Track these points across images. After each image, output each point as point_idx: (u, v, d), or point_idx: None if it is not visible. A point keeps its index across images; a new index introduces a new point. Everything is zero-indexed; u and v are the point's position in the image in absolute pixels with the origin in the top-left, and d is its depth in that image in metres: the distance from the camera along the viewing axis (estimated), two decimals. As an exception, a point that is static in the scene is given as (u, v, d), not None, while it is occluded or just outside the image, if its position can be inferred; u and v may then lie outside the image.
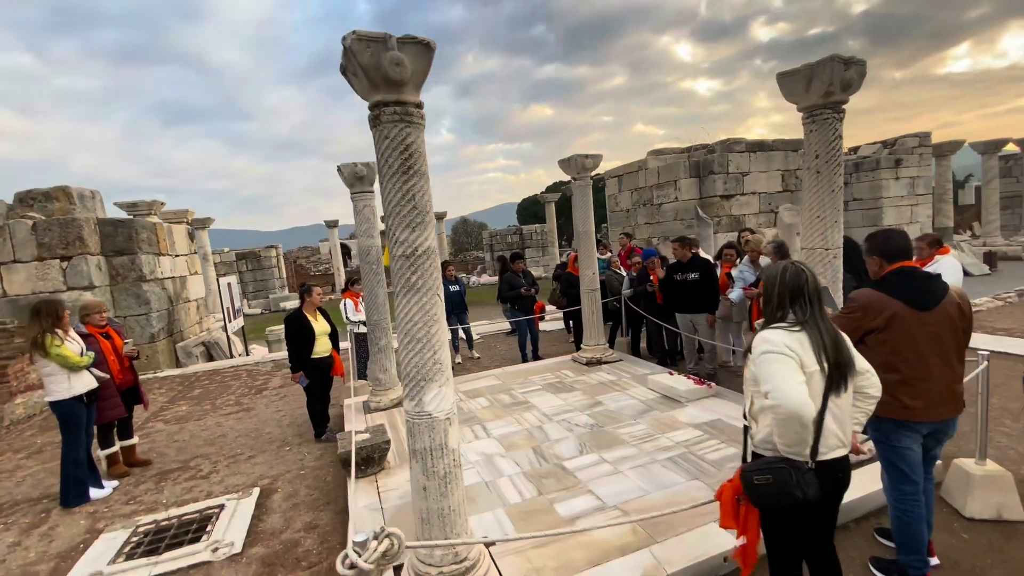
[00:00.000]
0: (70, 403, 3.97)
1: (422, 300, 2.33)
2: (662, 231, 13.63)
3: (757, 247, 5.39)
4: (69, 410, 4.00)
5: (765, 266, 2.13)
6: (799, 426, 1.81)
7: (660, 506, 3.07)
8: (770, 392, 1.83)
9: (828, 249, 3.27)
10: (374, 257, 5.26)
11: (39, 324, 3.90)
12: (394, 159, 2.25)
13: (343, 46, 2.12)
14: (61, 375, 3.93)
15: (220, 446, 5.13)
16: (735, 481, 2.05)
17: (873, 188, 15.18)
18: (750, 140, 13.31)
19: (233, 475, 4.42)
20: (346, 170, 5.03)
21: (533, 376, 5.96)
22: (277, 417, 5.88)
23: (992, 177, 17.55)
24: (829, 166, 3.22)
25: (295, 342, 4.85)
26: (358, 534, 1.64)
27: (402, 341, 2.36)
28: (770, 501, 1.91)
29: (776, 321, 1.98)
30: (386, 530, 1.67)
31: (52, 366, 3.90)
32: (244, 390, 7.17)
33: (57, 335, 3.93)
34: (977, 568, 2.49)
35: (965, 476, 2.88)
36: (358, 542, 1.62)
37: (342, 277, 23.64)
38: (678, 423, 4.27)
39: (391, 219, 2.31)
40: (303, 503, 3.81)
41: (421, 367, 2.34)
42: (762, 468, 1.92)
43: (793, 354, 1.85)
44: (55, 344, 3.89)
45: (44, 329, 3.89)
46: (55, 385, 3.92)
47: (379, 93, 2.21)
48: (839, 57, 3.04)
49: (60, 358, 3.89)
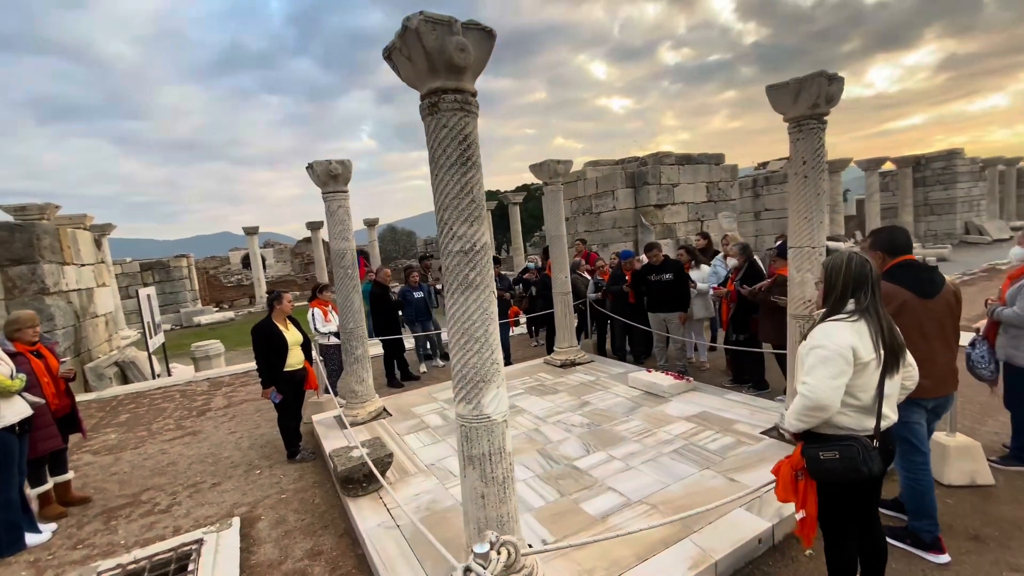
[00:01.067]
0: (0, 435, 3.34)
1: (480, 297, 2.22)
2: (601, 239, 14.12)
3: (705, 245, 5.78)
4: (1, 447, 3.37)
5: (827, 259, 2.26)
6: (818, 417, 2.02)
7: (682, 496, 3.15)
8: (808, 383, 2.01)
9: (814, 247, 3.57)
10: (349, 261, 4.95)
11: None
12: (452, 150, 2.14)
13: (404, 27, 1.99)
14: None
15: (173, 475, 4.54)
16: (794, 457, 2.16)
17: (782, 199, 16.82)
18: (678, 153, 14.18)
19: (200, 506, 3.94)
20: (319, 168, 4.70)
21: (511, 380, 5.90)
22: (233, 439, 5.32)
23: (874, 191, 20.10)
24: (815, 171, 3.52)
25: (266, 354, 4.43)
26: (478, 545, 1.52)
27: (457, 341, 2.24)
28: (836, 476, 2.03)
29: (836, 311, 2.10)
30: (502, 539, 1.56)
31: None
32: (183, 412, 6.42)
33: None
34: (971, 528, 2.81)
35: (941, 448, 3.24)
36: (480, 553, 1.49)
37: (262, 288, 22.06)
38: (669, 417, 4.42)
39: (447, 212, 2.19)
40: (296, 529, 3.47)
41: (480, 368, 2.23)
42: (828, 444, 2.04)
43: (848, 353, 1.97)
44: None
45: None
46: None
47: (439, 79, 2.09)
48: (825, 73, 3.34)
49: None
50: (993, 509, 2.97)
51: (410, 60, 2.10)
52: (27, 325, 3.80)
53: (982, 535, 2.76)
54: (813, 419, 2.04)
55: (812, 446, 2.08)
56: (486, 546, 1.52)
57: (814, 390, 1.98)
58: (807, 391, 2.00)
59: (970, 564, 2.57)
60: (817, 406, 1.99)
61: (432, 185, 2.24)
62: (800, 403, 2.04)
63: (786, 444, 3.70)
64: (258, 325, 4.50)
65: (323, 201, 4.91)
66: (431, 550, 2.83)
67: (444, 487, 3.56)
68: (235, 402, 6.70)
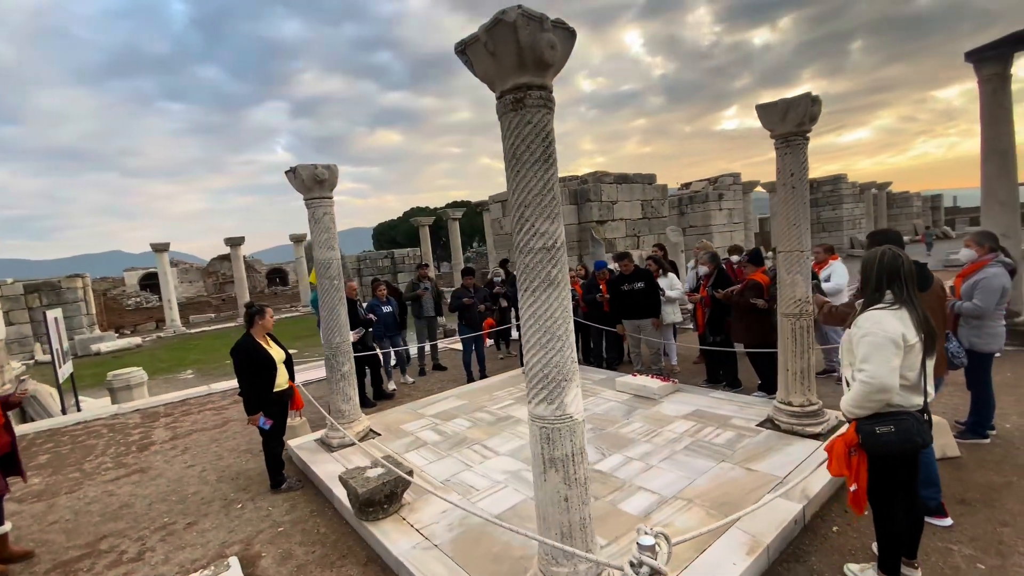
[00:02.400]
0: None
1: (561, 295, 2.21)
2: (547, 252, 14.45)
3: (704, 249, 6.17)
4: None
5: (863, 255, 2.49)
6: (881, 400, 2.21)
7: (712, 489, 3.28)
8: (866, 370, 2.19)
9: (803, 251, 3.92)
10: (335, 271, 4.67)
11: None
12: (536, 146, 2.13)
13: (498, 20, 1.97)
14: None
15: (132, 519, 3.96)
16: (848, 435, 2.34)
17: (704, 216, 18.24)
18: (615, 173, 14.97)
19: (179, 550, 3.47)
20: (304, 172, 4.42)
21: (497, 392, 5.82)
22: (195, 473, 4.75)
23: (776, 212, 22.39)
24: (801, 183, 3.88)
25: (251, 376, 4.02)
26: (643, 538, 1.48)
27: (538, 340, 2.20)
28: (891, 448, 2.23)
29: (875, 301, 2.33)
30: (655, 530, 1.54)
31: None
32: (120, 449, 5.63)
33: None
34: (957, 494, 3.18)
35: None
36: (646, 546, 1.46)
37: (174, 311, 20.04)
38: (667, 417, 4.59)
39: (528, 210, 2.17)
40: (309, 563, 3.16)
41: (562, 366, 2.20)
42: (883, 420, 2.24)
43: (897, 337, 2.20)
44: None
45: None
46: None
47: (525, 75, 2.08)
48: (809, 95, 3.73)
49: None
50: (967, 477, 3.38)
51: (493, 55, 2.08)
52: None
53: (967, 499, 3.14)
54: (876, 403, 2.22)
55: (867, 423, 2.27)
56: (651, 539, 1.50)
57: (875, 376, 2.17)
58: (868, 377, 2.19)
59: (968, 524, 2.91)
60: (880, 389, 2.17)
61: (510, 182, 2.21)
62: (862, 390, 2.22)
63: (783, 434, 3.99)
64: (240, 344, 4.07)
65: (307, 207, 4.61)
66: (488, 566, 2.72)
67: (473, 501, 3.42)
68: (181, 433, 5.99)
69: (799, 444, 3.78)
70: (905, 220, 28.88)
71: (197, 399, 7.60)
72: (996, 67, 5.68)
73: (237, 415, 6.51)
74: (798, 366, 4.00)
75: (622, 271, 6.11)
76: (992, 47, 5.59)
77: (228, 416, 6.52)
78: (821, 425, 3.94)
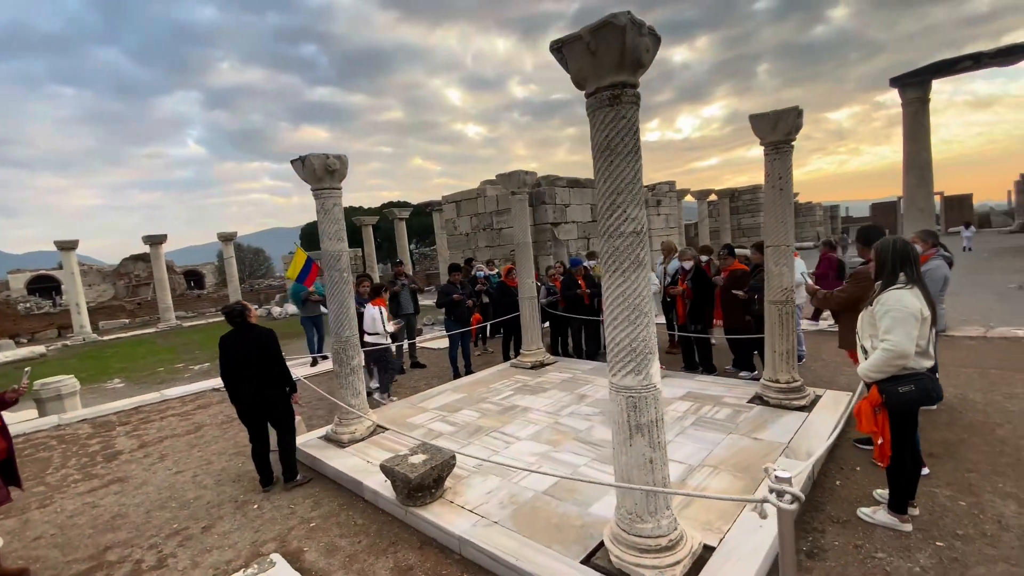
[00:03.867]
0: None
1: (646, 276, 2.43)
2: (503, 254, 14.67)
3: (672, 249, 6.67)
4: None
5: (876, 243, 2.92)
6: (899, 365, 2.65)
7: (731, 456, 3.65)
8: (890, 339, 2.63)
9: (788, 245, 4.43)
10: (344, 264, 4.59)
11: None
12: (628, 139, 2.34)
13: (608, 23, 2.15)
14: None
15: (133, 528, 3.69)
16: (872, 397, 2.76)
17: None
18: (568, 177, 15.48)
19: (205, 552, 3.30)
20: (316, 162, 4.32)
21: (493, 385, 5.93)
22: (186, 479, 4.46)
23: (704, 217, 24.14)
24: (787, 185, 4.39)
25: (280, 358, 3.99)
26: (780, 471, 1.72)
27: (628, 317, 2.40)
28: (912, 404, 2.67)
29: (891, 283, 2.77)
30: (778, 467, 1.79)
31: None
32: (81, 460, 5.13)
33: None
34: (924, 450, 3.76)
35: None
36: (784, 477, 1.71)
37: (83, 316, 18.01)
38: (665, 399, 4.93)
39: (621, 197, 2.37)
40: (360, 552, 3.14)
41: (647, 340, 2.42)
42: (903, 381, 2.67)
43: (916, 312, 2.64)
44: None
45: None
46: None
47: (623, 75, 2.29)
48: (796, 108, 4.25)
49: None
50: (927, 436, 3.99)
51: (594, 54, 2.27)
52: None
53: (934, 452, 3.73)
54: (894, 368, 2.65)
55: (890, 384, 2.69)
56: (787, 472, 1.74)
57: (897, 344, 2.59)
58: (891, 346, 2.61)
59: (940, 472, 3.47)
60: (900, 356, 2.60)
61: (602, 173, 2.41)
62: (884, 356, 2.64)
63: (773, 408, 4.47)
64: (267, 331, 3.97)
65: (315, 198, 4.50)
66: (555, 535, 2.88)
67: (513, 482, 3.55)
68: (150, 441, 5.54)
69: (789, 416, 4.27)
70: (809, 227, 32.16)
71: (152, 406, 7.02)
72: (917, 92, 6.66)
73: (208, 419, 6.13)
74: (783, 347, 4.51)
75: None
76: (914, 74, 6.56)
77: (198, 421, 6.11)
78: (804, 399, 4.46)
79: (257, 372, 3.88)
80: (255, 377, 3.89)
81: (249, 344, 3.89)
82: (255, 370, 3.88)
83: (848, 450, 3.92)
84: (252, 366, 3.88)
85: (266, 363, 3.91)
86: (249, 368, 3.87)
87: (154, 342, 16.02)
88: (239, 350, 3.88)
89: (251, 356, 3.88)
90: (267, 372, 3.92)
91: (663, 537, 2.46)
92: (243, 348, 3.88)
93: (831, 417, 4.15)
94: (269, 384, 3.94)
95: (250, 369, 3.88)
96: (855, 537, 2.86)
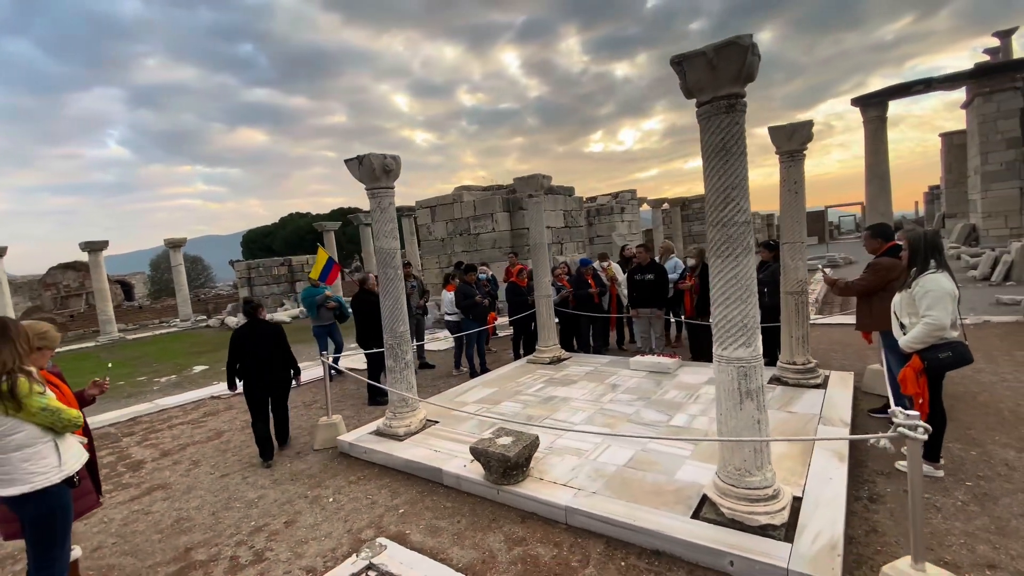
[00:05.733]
0: (61, 491, 2.49)
1: (753, 260, 2.80)
2: (480, 258, 14.87)
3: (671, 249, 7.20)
4: (61, 503, 2.49)
5: (909, 234, 3.47)
6: (938, 337, 3.19)
7: (776, 426, 4.08)
8: (932, 315, 3.16)
9: (803, 242, 5.01)
10: (398, 261, 4.69)
11: None
12: (741, 142, 2.72)
13: (733, 43, 2.52)
14: (45, 444, 2.43)
15: (207, 529, 3.63)
16: (914, 363, 3.27)
17: (609, 227, 20.17)
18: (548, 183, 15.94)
19: (303, 543, 3.33)
20: (376, 162, 4.41)
21: (520, 379, 6.15)
22: (237, 481, 4.39)
23: (658, 224, 25.46)
24: (801, 189, 4.98)
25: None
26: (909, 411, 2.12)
27: (740, 296, 2.76)
28: (949, 367, 3.21)
29: (925, 269, 3.31)
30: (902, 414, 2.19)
31: (29, 429, 2.36)
32: (105, 472, 4.86)
33: (32, 376, 2.39)
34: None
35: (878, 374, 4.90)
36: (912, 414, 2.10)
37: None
38: (693, 385, 5.40)
39: (735, 192, 2.73)
40: (465, 530, 3.29)
41: (755, 317, 2.79)
42: (943, 348, 3.20)
43: (952, 291, 3.19)
44: (36, 391, 2.36)
45: (10, 367, 2.32)
46: (37, 463, 2.39)
47: (737, 86, 2.66)
48: (811, 122, 4.84)
49: (48, 415, 2.41)
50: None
51: (714, 68, 2.63)
52: (54, 344, 2.78)
53: (934, 417, 4.36)
54: (933, 338, 3.16)
55: (930, 352, 3.22)
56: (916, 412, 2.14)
57: (938, 319, 3.11)
58: (932, 320, 3.13)
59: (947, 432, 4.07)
60: (940, 328, 3.12)
61: (716, 171, 2.76)
62: (925, 329, 3.16)
63: (792, 387, 5.00)
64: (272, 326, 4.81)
65: (371, 197, 4.59)
66: (654, 499, 3.18)
67: (590, 459, 3.81)
68: (171, 450, 5.31)
69: (810, 393, 4.82)
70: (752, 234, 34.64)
71: (150, 416, 6.68)
72: (877, 111, 7.62)
73: (226, 425, 5.95)
74: (799, 333, 5.07)
75: (639, 261, 6.89)
76: (874, 95, 7.51)
77: (215, 428, 5.92)
78: (819, 378, 5.04)
79: (268, 357, 4.69)
80: (267, 362, 4.67)
81: (262, 335, 4.70)
82: (267, 356, 4.68)
83: (865, 419, 4.49)
84: (265, 353, 4.67)
85: (277, 350, 4.74)
86: (262, 355, 4.66)
87: (97, 356, 14.84)
88: (254, 340, 4.66)
89: (265, 344, 4.68)
90: (277, 357, 4.75)
91: (769, 488, 2.82)
92: (258, 338, 4.67)
93: (845, 392, 4.73)
94: (279, 367, 4.77)
95: (263, 355, 4.66)
96: (901, 484, 3.36)
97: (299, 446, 5.06)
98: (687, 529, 2.84)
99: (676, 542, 2.80)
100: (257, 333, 4.68)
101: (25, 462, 2.34)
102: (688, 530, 2.83)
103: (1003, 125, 19.12)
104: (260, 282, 21.91)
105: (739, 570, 2.58)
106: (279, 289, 22.46)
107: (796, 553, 2.54)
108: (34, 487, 2.35)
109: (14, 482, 2.34)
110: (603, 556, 2.89)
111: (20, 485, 2.33)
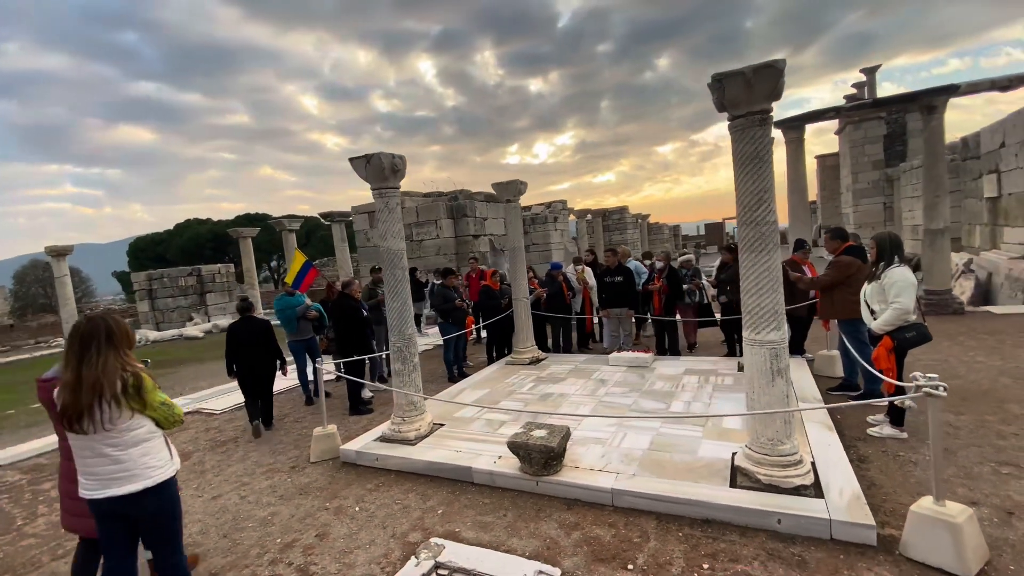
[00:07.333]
0: (175, 483, 2.48)
1: (779, 255, 3.20)
2: (424, 264, 14.72)
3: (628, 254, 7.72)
4: (177, 494, 2.50)
5: (876, 235, 4.10)
6: (904, 319, 3.85)
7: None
8: (900, 301, 3.81)
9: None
10: (405, 263, 4.62)
11: (117, 355, 2.15)
12: (770, 150, 3.11)
13: (770, 66, 2.90)
14: (158, 440, 2.38)
15: (228, 551, 3.34)
16: (886, 342, 3.89)
17: (544, 235, 20.81)
18: (485, 192, 16.20)
19: (347, 553, 3.21)
20: (385, 161, 4.34)
21: (506, 379, 6.24)
22: (235, 500, 4.07)
23: (583, 233, 26.68)
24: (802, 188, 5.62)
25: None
26: (928, 375, 2.56)
27: (768, 286, 3.14)
28: (913, 344, 3.85)
29: (891, 264, 3.95)
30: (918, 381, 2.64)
31: (148, 425, 2.23)
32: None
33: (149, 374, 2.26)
34: (876, 388, 5.15)
35: (826, 359, 5.67)
36: (933, 376, 2.55)
37: None
38: (673, 376, 5.84)
39: (767, 194, 3.10)
40: (515, 522, 3.35)
41: (782, 304, 3.18)
42: (908, 329, 3.84)
43: (915, 281, 3.85)
44: (156, 388, 2.24)
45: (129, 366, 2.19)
46: (155, 456, 2.33)
47: (767, 103, 3.05)
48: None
49: (166, 408, 2.38)
50: (868, 381, 5.44)
51: (751, 86, 3.00)
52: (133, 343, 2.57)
53: (879, 392, 5.13)
54: (901, 321, 3.79)
55: (898, 333, 3.85)
56: (934, 373, 2.58)
57: (905, 304, 3.75)
58: (901, 306, 3.76)
59: (891, 403, 4.83)
60: (906, 312, 3.76)
61: (749, 176, 3.12)
62: (894, 313, 3.79)
63: (761, 373, 5.60)
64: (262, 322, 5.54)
65: (378, 197, 4.50)
66: (688, 475, 3.47)
67: (614, 446, 4.03)
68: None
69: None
70: (660, 244, 37.29)
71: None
72: (796, 133, 8.75)
73: (194, 446, 5.41)
74: (764, 325, 5.70)
75: (607, 265, 7.26)
76: (795, 120, 8.62)
77: (184, 448, 5.35)
78: (781, 364, 5.69)
79: (259, 350, 5.47)
80: (258, 353, 5.47)
81: (254, 330, 5.49)
82: (258, 347, 5.46)
83: (828, 396, 5.16)
84: (257, 345, 5.45)
85: (265, 342, 5.50)
86: (254, 347, 5.45)
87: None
88: (248, 334, 5.46)
89: (256, 338, 5.47)
90: (265, 349, 5.51)
91: (796, 454, 3.22)
92: (250, 333, 5.47)
93: (806, 375, 5.40)
94: (268, 358, 5.54)
95: (255, 347, 5.45)
96: (879, 447, 3.96)
97: (292, 460, 4.77)
98: (732, 496, 3.15)
99: (724, 508, 3.09)
100: (248, 328, 5.49)
101: (144, 456, 2.27)
102: (733, 497, 3.14)
103: (870, 149, 22.53)
104: (164, 294, 19.85)
105: (787, 526, 2.92)
106: (187, 302, 20.44)
107: (832, 506, 2.93)
108: (155, 481, 2.28)
109: (135, 478, 2.24)
110: (659, 530, 3.11)
111: (142, 480, 2.24)
